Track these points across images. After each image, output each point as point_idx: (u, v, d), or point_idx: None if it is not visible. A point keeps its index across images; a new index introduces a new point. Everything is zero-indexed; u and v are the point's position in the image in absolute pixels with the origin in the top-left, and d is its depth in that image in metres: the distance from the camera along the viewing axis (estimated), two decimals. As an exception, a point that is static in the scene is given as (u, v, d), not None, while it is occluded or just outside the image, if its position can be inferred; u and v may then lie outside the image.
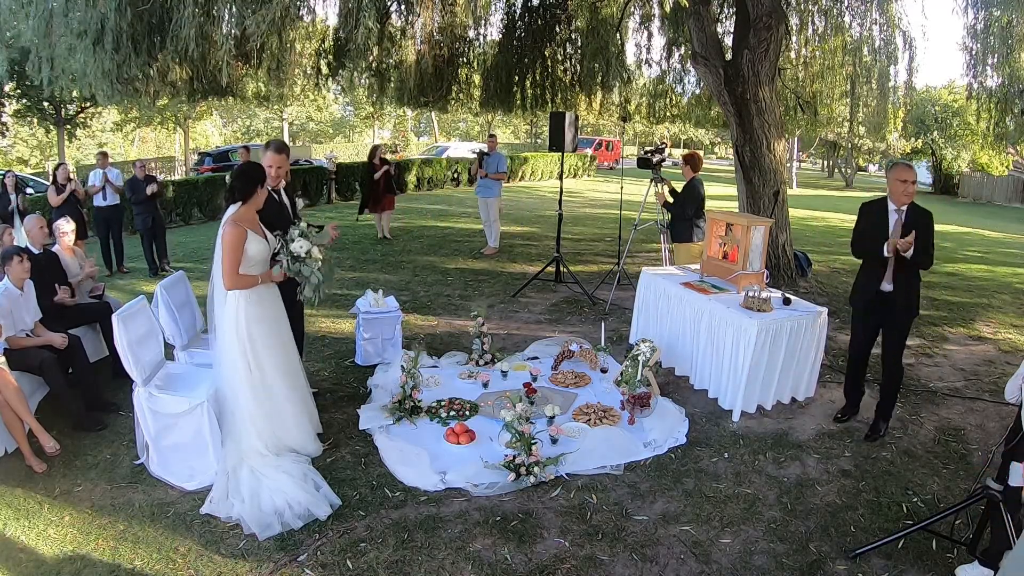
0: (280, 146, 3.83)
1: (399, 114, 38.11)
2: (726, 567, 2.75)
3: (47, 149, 28.96)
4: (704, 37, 7.28)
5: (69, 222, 5.13)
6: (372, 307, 4.92)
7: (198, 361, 3.98)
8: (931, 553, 2.84)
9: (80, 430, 3.80)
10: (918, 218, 3.67)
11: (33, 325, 4.00)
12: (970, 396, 4.61)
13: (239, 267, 3.20)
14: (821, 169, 43.01)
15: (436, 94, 10.25)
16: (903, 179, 3.65)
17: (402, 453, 3.52)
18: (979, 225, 17.07)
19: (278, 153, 3.76)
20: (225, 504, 3.04)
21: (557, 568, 2.71)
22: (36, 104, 19.20)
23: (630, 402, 3.99)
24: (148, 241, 7.96)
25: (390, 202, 10.10)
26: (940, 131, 27.93)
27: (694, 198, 5.88)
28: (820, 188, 29.71)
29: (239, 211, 3.24)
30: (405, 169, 18.48)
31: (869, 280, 3.84)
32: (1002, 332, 6.21)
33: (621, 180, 8.72)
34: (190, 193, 12.82)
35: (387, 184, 9.88)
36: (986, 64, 7.18)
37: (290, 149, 4.24)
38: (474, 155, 9.28)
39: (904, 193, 3.66)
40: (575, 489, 3.28)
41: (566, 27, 10.45)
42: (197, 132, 34.32)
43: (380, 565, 2.71)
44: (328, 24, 9.27)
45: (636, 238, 7.89)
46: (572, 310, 6.49)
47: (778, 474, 3.48)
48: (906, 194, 3.66)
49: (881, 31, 8.38)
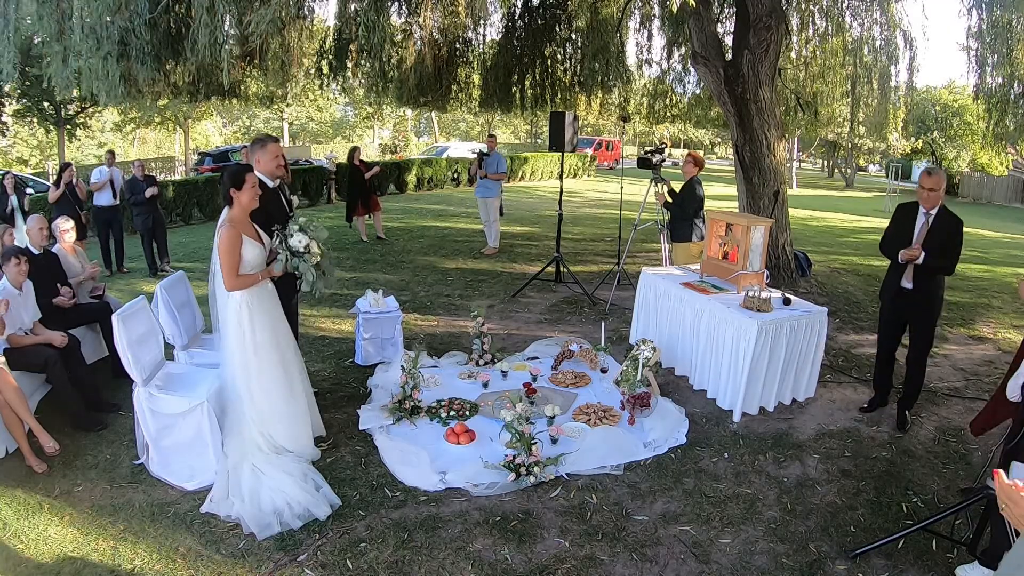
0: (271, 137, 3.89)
1: (399, 114, 38.12)
2: (726, 567, 2.75)
3: (47, 149, 28.96)
4: (704, 37, 7.28)
5: (68, 220, 5.14)
6: (372, 307, 4.92)
7: (198, 361, 3.98)
8: (931, 553, 2.84)
9: (80, 430, 3.80)
10: (945, 223, 3.78)
11: (32, 325, 4.00)
12: (970, 396, 4.61)
13: (238, 269, 3.20)
14: (821, 169, 43.00)
15: (436, 94, 10.25)
16: (923, 186, 3.80)
17: (402, 453, 3.52)
18: (979, 225, 17.05)
19: (276, 143, 3.81)
20: (225, 503, 3.05)
21: (557, 568, 2.71)
22: (36, 104, 19.20)
23: (630, 402, 3.99)
24: (148, 241, 7.97)
25: (377, 202, 10.30)
26: (940, 131, 27.94)
27: (693, 198, 5.88)
28: (820, 188, 29.71)
29: (231, 213, 3.25)
30: (405, 169, 18.51)
31: (893, 277, 4.02)
32: (1002, 332, 6.22)
33: (621, 180, 8.72)
34: (190, 193, 12.82)
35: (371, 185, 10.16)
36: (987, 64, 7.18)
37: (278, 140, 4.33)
38: (474, 155, 9.30)
39: (925, 199, 3.79)
40: (575, 489, 3.28)
41: (566, 27, 10.45)
42: (197, 132, 34.31)
43: (380, 565, 2.70)
44: (328, 24, 9.29)
45: (636, 238, 7.88)
46: (572, 310, 6.48)
47: (778, 474, 3.48)
48: (927, 201, 3.79)
49: (882, 31, 8.38)
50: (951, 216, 3.78)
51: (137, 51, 6.29)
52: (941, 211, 3.80)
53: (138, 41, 6.24)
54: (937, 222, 3.79)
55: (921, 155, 29.64)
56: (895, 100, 9.27)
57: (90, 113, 22.02)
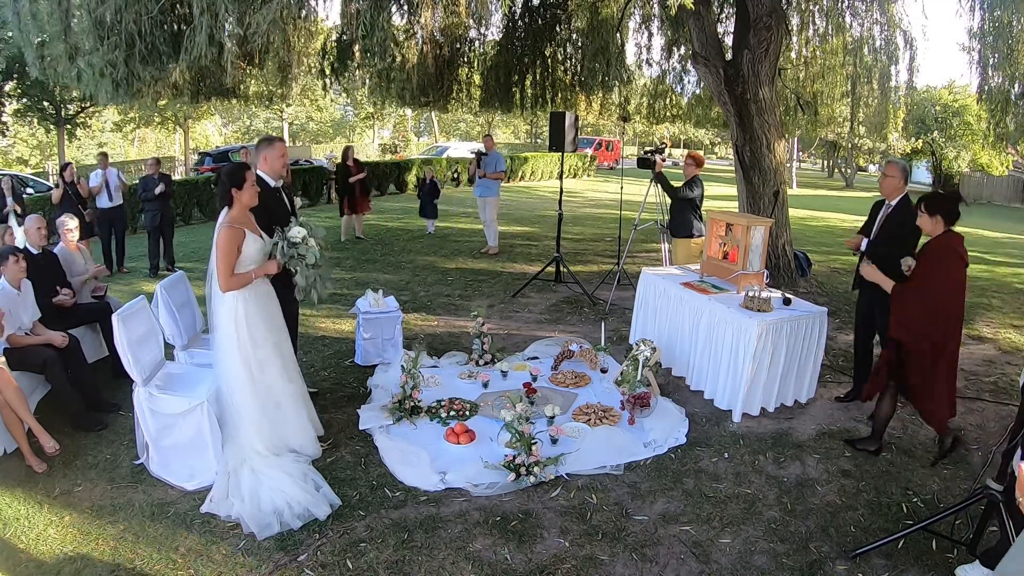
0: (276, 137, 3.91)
1: (399, 114, 38.12)
2: (726, 567, 2.75)
3: (47, 149, 28.97)
4: (704, 37, 7.28)
5: (72, 219, 5.14)
6: (372, 307, 4.92)
7: (198, 361, 3.98)
8: (931, 553, 2.84)
9: (80, 430, 3.80)
10: (900, 213, 3.97)
11: (31, 325, 3.99)
12: (970, 396, 4.60)
13: (234, 269, 3.20)
14: (821, 169, 42.99)
15: (437, 94, 10.26)
16: (883, 172, 4.08)
17: (402, 453, 3.52)
18: (979, 225, 17.04)
19: (281, 141, 3.82)
20: (225, 503, 3.05)
21: (557, 568, 2.71)
22: (36, 104, 19.20)
23: (630, 402, 3.99)
24: (156, 239, 7.97)
25: (367, 204, 10.39)
26: (940, 131, 27.93)
27: (694, 186, 5.90)
28: (820, 188, 29.71)
29: (231, 213, 3.24)
30: (405, 169, 18.50)
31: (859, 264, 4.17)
32: (1002, 332, 6.21)
33: (621, 180, 8.72)
34: (190, 193, 12.80)
35: (364, 187, 10.22)
36: (988, 64, 7.18)
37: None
38: (473, 155, 9.32)
39: (884, 187, 4.05)
40: (575, 489, 3.28)
41: (566, 27, 10.45)
42: (197, 132, 34.32)
43: (380, 565, 2.70)
44: (328, 24, 9.30)
45: (636, 238, 7.88)
46: (572, 310, 6.48)
47: (778, 474, 3.48)
48: (884, 188, 4.04)
49: (882, 31, 8.39)
50: (908, 206, 3.91)
51: (140, 50, 6.30)
52: (901, 201, 3.99)
53: (141, 40, 6.25)
54: (895, 212, 3.99)
55: (921, 155, 29.61)
56: (895, 100, 9.28)
57: (90, 113, 22.01)
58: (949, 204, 3.34)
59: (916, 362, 3.36)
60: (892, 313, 3.46)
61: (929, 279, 3.31)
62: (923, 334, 3.32)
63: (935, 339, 3.32)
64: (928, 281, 3.31)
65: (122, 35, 6.20)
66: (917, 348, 3.34)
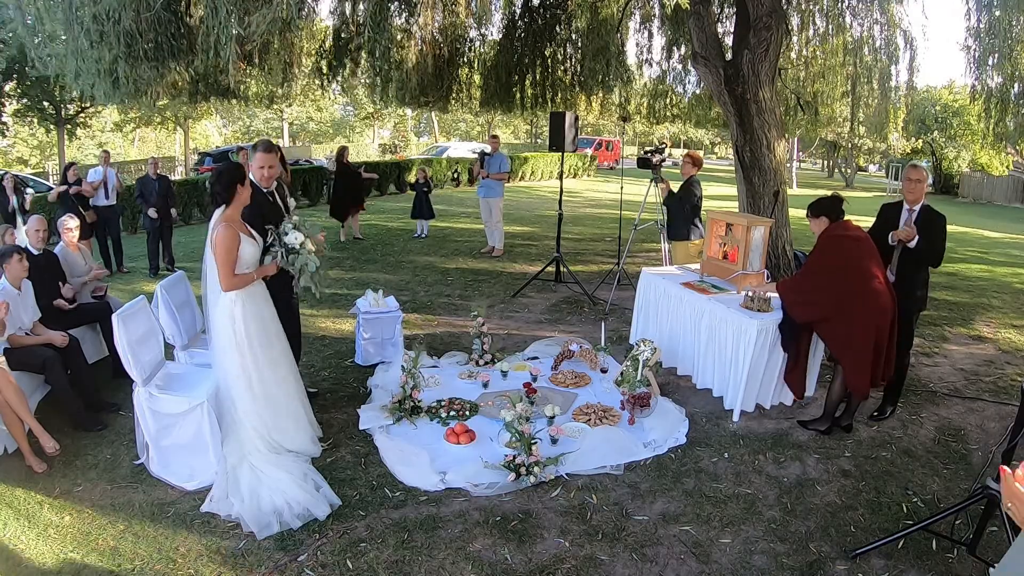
0: (268, 145, 3.71)
1: (399, 114, 38.12)
2: (726, 567, 2.75)
3: (47, 149, 28.97)
4: (704, 37, 7.27)
5: (73, 218, 5.14)
6: (372, 307, 4.92)
7: (198, 361, 3.98)
8: (931, 553, 2.84)
9: (80, 430, 3.80)
10: (930, 218, 3.89)
11: (32, 325, 4.00)
12: (970, 396, 4.61)
13: (235, 268, 3.20)
14: (821, 169, 43.00)
15: (437, 94, 10.24)
16: (908, 177, 3.96)
17: (402, 453, 3.52)
18: (979, 225, 17.06)
19: (267, 152, 3.65)
20: (225, 503, 3.05)
21: (557, 568, 2.71)
22: (36, 104, 19.18)
23: (630, 402, 3.99)
24: (155, 240, 7.97)
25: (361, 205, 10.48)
26: (940, 131, 27.94)
27: (690, 196, 5.91)
28: (820, 188, 29.62)
29: (227, 212, 3.24)
30: (405, 169, 18.49)
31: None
32: (1002, 332, 6.21)
33: (621, 180, 8.72)
34: (190, 193, 12.79)
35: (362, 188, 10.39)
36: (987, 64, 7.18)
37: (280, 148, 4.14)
38: (474, 155, 9.34)
39: (910, 191, 3.93)
40: (575, 489, 3.28)
41: (566, 27, 10.44)
42: (197, 132, 34.31)
43: (380, 565, 2.70)
44: (328, 24, 9.28)
45: (636, 238, 7.88)
46: (572, 310, 6.48)
47: (778, 474, 3.48)
48: (911, 192, 3.93)
49: (882, 31, 8.37)
50: (934, 212, 3.91)
51: (139, 50, 6.29)
52: (924, 208, 3.94)
53: (142, 39, 6.24)
54: (920, 217, 3.94)
55: (921, 155, 29.63)
56: (895, 100, 9.27)
57: (90, 113, 21.99)
58: (829, 204, 3.94)
59: (828, 336, 3.84)
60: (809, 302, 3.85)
61: (817, 264, 3.85)
62: (814, 303, 3.78)
63: (827, 313, 3.73)
64: (816, 266, 3.85)
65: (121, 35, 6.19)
66: (817, 322, 3.84)
